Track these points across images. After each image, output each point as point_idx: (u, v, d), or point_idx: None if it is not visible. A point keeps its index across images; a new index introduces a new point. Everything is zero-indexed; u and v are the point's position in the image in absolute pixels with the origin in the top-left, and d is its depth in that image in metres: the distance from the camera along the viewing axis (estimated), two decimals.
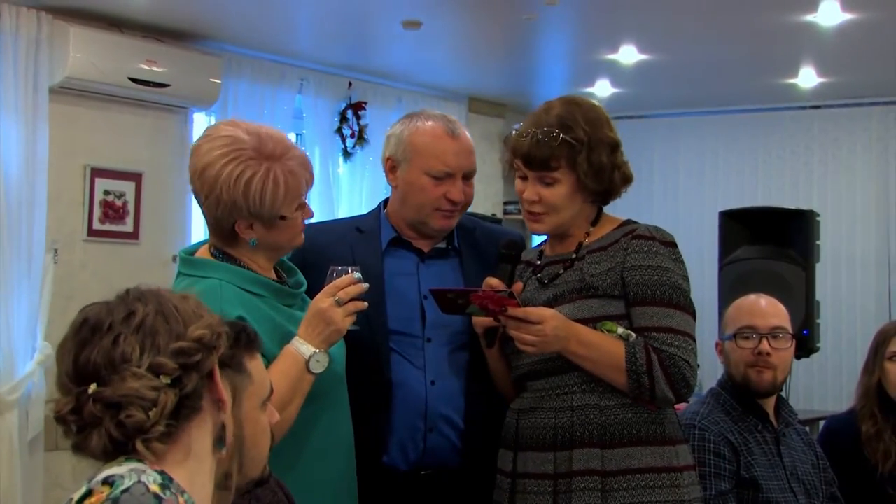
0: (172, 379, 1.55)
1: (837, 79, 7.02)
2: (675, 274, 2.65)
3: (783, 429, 3.26)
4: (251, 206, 2.42)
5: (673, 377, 2.58)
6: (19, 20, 5.15)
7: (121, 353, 1.55)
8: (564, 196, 2.69)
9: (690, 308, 2.67)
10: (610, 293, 2.63)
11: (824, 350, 6.89)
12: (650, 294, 2.62)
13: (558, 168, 2.67)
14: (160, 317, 1.58)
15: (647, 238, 2.67)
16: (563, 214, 2.72)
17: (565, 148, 2.65)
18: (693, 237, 7.89)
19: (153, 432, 1.53)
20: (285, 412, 2.37)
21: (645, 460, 2.59)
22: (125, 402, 1.52)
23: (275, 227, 2.48)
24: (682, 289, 2.66)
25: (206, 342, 1.59)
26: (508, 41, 6.31)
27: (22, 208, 5.16)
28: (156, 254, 5.80)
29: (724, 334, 3.32)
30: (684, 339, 2.61)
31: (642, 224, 2.74)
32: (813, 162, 7.85)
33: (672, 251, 2.68)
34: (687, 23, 5.74)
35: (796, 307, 5.86)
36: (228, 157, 2.41)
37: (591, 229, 2.76)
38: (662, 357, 2.58)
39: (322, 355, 2.44)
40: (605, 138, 2.69)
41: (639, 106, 8.12)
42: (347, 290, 2.48)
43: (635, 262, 2.63)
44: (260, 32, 6.00)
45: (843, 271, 7.65)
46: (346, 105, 6.81)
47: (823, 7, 5.29)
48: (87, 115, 5.60)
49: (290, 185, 2.45)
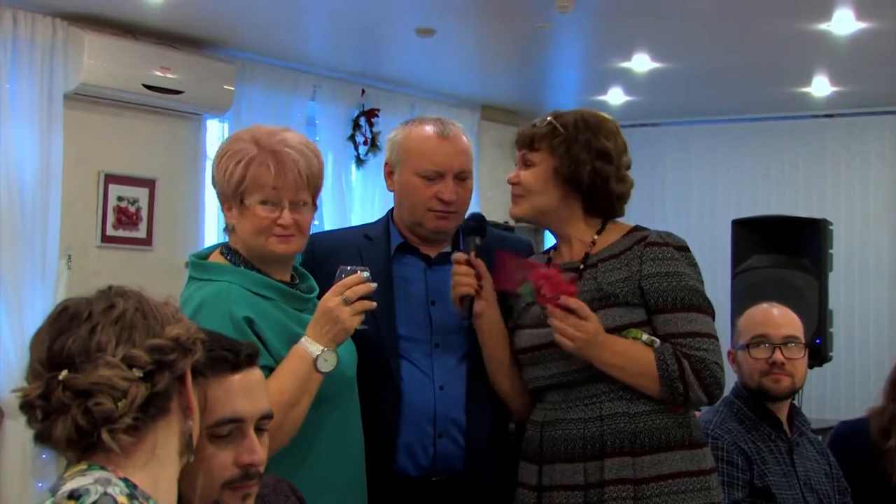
0: (145, 373, 1.54)
1: (851, 88, 7.01)
2: (691, 278, 2.66)
3: (796, 438, 3.25)
4: (220, 183, 2.52)
5: (706, 380, 2.59)
6: (34, 27, 5.17)
7: (97, 342, 1.54)
8: (540, 178, 2.72)
9: (710, 309, 2.68)
10: (630, 301, 2.63)
11: (837, 359, 6.86)
12: (671, 301, 2.62)
13: (539, 150, 2.72)
14: (139, 313, 1.59)
15: (661, 245, 2.67)
16: (538, 200, 2.74)
17: (549, 130, 2.71)
18: (705, 246, 7.87)
19: (120, 423, 1.51)
20: (293, 412, 2.39)
21: (676, 465, 2.59)
22: (95, 389, 1.51)
23: (241, 213, 2.51)
24: (700, 291, 2.67)
25: (182, 343, 1.59)
26: (521, 49, 6.32)
27: (36, 214, 5.17)
28: (169, 260, 5.81)
29: (737, 344, 3.31)
30: (710, 342, 2.62)
31: (653, 230, 2.74)
32: (826, 171, 7.84)
33: (686, 255, 2.69)
34: (700, 31, 5.74)
35: (809, 316, 5.83)
36: (228, 141, 2.57)
37: (596, 237, 2.74)
38: (693, 361, 2.58)
39: (330, 354, 2.44)
40: (592, 140, 2.69)
41: (651, 114, 8.11)
42: (355, 289, 2.48)
43: (652, 270, 2.63)
44: (273, 39, 6.01)
45: (857, 280, 7.64)
46: (359, 112, 6.82)
47: (837, 16, 5.29)
48: (101, 121, 5.62)
49: (260, 173, 2.47)
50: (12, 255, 5.08)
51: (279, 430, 2.36)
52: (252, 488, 1.83)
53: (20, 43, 5.13)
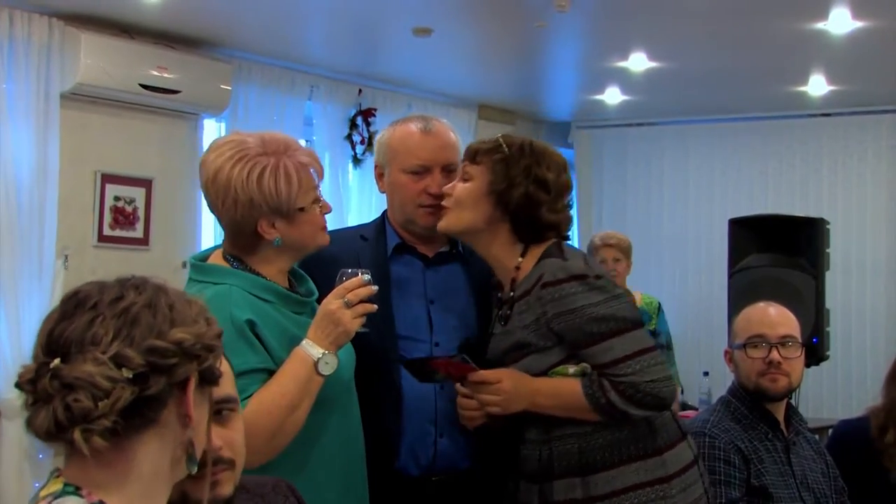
0: (135, 374, 1.43)
1: (848, 87, 7.01)
2: (595, 306, 2.58)
3: (793, 437, 3.25)
4: (269, 201, 2.44)
5: (643, 402, 2.56)
6: (31, 27, 5.17)
7: (92, 334, 1.44)
8: (472, 193, 2.70)
9: (624, 323, 2.60)
10: (544, 346, 2.62)
11: (834, 358, 6.87)
12: (583, 336, 2.59)
13: (479, 164, 2.71)
14: (148, 309, 1.48)
15: (555, 284, 2.60)
16: (466, 215, 2.72)
17: (493, 147, 2.71)
18: (703, 245, 7.90)
19: (97, 424, 1.40)
20: (294, 415, 2.39)
21: (630, 479, 2.59)
22: (77, 384, 1.41)
23: (295, 221, 2.50)
24: (607, 316, 2.58)
25: (186, 348, 1.47)
26: (519, 48, 6.32)
27: (33, 214, 5.17)
28: (166, 260, 5.81)
29: (734, 343, 3.31)
30: (636, 361, 2.57)
31: (549, 263, 2.65)
32: (823, 170, 7.84)
33: (582, 283, 2.60)
34: (697, 31, 5.74)
35: (806, 315, 5.84)
36: (235, 157, 2.45)
37: (520, 260, 2.72)
38: (623, 389, 2.55)
39: (331, 357, 2.44)
40: (533, 166, 2.68)
41: (648, 113, 8.12)
42: (357, 291, 2.48)
43: (555, 311, 2.59)
44: (270, 39, 6.01)
45: (854, 279, 7.64)
46: (356, 112, 6.82)
47: (834, 15, 5.29)
48: (97, 121, 5.62)
49: (302, 176, 2.48)
50: (9, 254, 5.08)
51: (280, 432, 2.37)
52: (218, 475, 1.74)
53: (16, 42, 5.12)
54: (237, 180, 2.43)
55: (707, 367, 6.99)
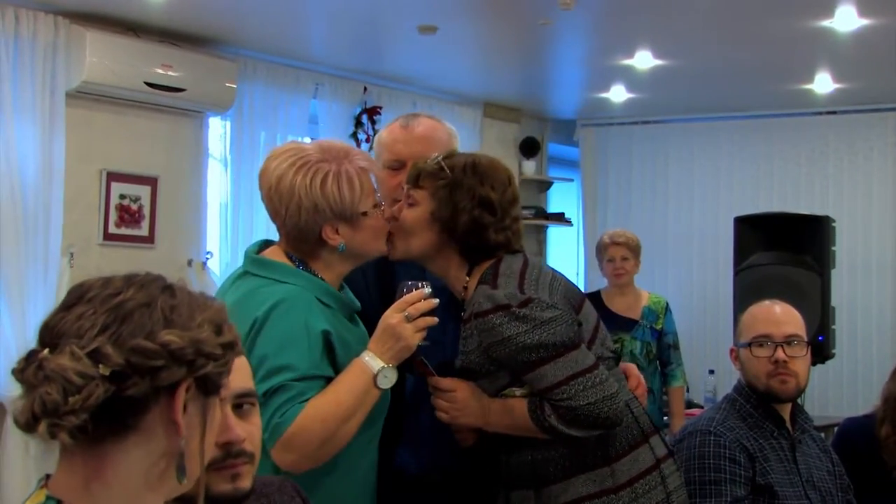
0: (113, 372, 1.35)
1: (853, 84, 7.01)
2: (521, 335, 2.49)
3: (799, 435, 3.25)
4: (333, 206, 2.46)
5: (583, 423, 2.50)
6: (36, 25, 5.18)
7: (78, 326, 1.38)
8: (417, 220, 2.62)
9: (555, 349, 2.50)
10: (489, 370, 2.58)
11: (840, 356, 6.87)
12: (516, 365, 2.53)
13: (423, 188, 2.62)
14: (143, 308, 1.41)
15: (483, 314, 2.52)
16: (414, 242, 2.63)
17: (436, 170, 2.62)
18: (708, 243, 7.90)
19: (65, 420, 1.33)
20: (346, 425, 2.38)
21: (578, 490, 2.55)
22: (51, 376, 1.35)
23: (359, 226, 2.51)
24: (534, 344, 2.48)
25: (174, 352, 1.38)
26: (524, 46, 6.32)
27: (38, 212, 5.18)
28: (171, 258, 5.82)
29: (739, 341, 3.30)
30: (569, 386, 2.48)
31: (479, 292, 2.56)
32: (828, 168, 7.83)
33: (505, 314, 2.51)
34: (702, 28, 5.73)
35: (812, 313, 5.84)
36: (297, 164, 2.47)
37: (467, 280, 2.65)
38: (563, 413, 2.50)
39: (390, 371, 2.44)
40: (477, 187, 2.60)
41: (654, 111, 8.12)
42: (417, 305, 2.48)
43: (489, 341, 2.53)
44: (275, 37, 6.01)
45: (859, 277, 7.63)
46: (361, 110, 6.82)
47: (840, 13, 5.28)
48: (103, 119, 5.63)
49: (363, 180, 2.50)
50: (15, 252, 5.09)
51: (330, 441, 2.36)
52: (240, 468, 1.74)
53: (22, 41, 5.14)
54: (301, 186, 2.45)
55: (712, 366, 7.00)
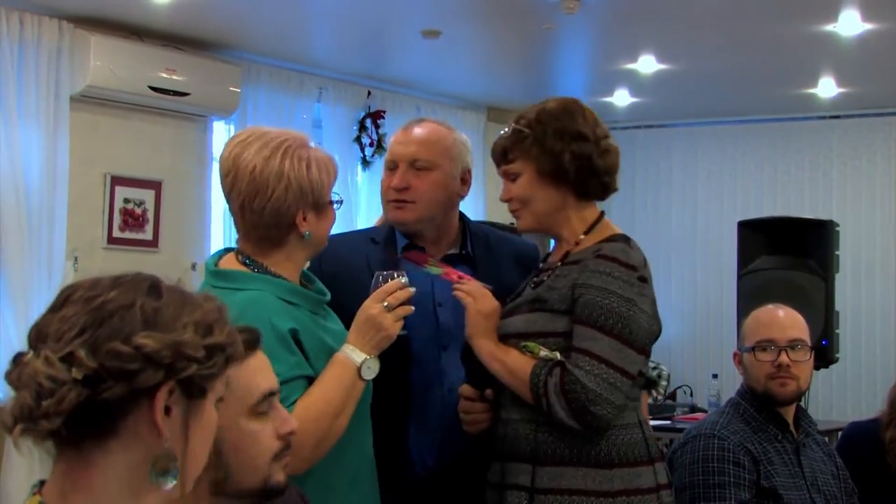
0: (86, 377, 1.31)
1: (857, 89, 7.01)
2: (619, 299, 2.49)
3: (803, 439, 3.24)
4: (314, 191, 2.42)
5: (571, 402, 2.45)
6: (41, 29, 5.19)
7: (56, 329, 1.35)
8: (528, 186, 2.64)
9: (626, 337, 2.48)
10: (557, 308, 2.55)
11: (844, 361, 6.85)
12: (585, 314, 2.49)
13: (515, 160, 2.66)
14: (125, 310, 1.36)
15: (609, 259, 2.53)
16: (536, 207, 2.66)
17: (516, 136, 2.65)
18: (711, 247, 7.89)
19: (39, 425, 1.33)
20: (338, 421, 2.37)
21: (574, 482, 2.51)
22: (26, 381, 1.33)
23: (324, 214, 2.47)
24: (621, 315, 2.47)
25: (149, 354, 1.33)
26: (527, 51, 6.32)
27: (42, 216, 5.19)
28: (175, 261, 5.82)
29: (743, 346, 3.29)
30: (599, 366, 2.45)
31: (615, 244, 2.59)
32: (832, 172, 7.84)
33: (629, 274, 2.52)
34: (706, 32, 5.74)
35: (815, 318, 5.83)
36: (282, 148, 2.40)
37: (582, 237, 2.65)
38: (565, 375, 2.46)
39: (373, 361, 2.43)
40: (560, 127, 2.63)
41: (657, 115, 8.12)
42: (396, 294, 2.47)
43: (585, 280, 2.52)
44: (279, 41, 6.02)
45: (863, 281, 7.63)
46: (364, 114, 6.83)
47: (843, 17, 5.29)
48: (107, 123, 5.64)
49: (332, 167, 2.47)
50: (19, 256, 5.10)
51: (325, 439, 2.35)
52: (288, 456, 1.82)
53: (26, 45, 5.15)
54: (290, 170, 2.38)
55: (716, 370, 6.99)
